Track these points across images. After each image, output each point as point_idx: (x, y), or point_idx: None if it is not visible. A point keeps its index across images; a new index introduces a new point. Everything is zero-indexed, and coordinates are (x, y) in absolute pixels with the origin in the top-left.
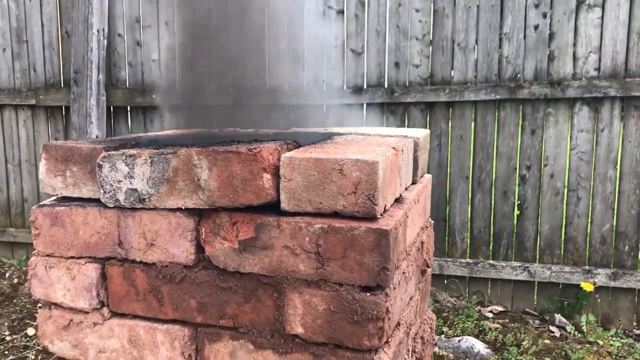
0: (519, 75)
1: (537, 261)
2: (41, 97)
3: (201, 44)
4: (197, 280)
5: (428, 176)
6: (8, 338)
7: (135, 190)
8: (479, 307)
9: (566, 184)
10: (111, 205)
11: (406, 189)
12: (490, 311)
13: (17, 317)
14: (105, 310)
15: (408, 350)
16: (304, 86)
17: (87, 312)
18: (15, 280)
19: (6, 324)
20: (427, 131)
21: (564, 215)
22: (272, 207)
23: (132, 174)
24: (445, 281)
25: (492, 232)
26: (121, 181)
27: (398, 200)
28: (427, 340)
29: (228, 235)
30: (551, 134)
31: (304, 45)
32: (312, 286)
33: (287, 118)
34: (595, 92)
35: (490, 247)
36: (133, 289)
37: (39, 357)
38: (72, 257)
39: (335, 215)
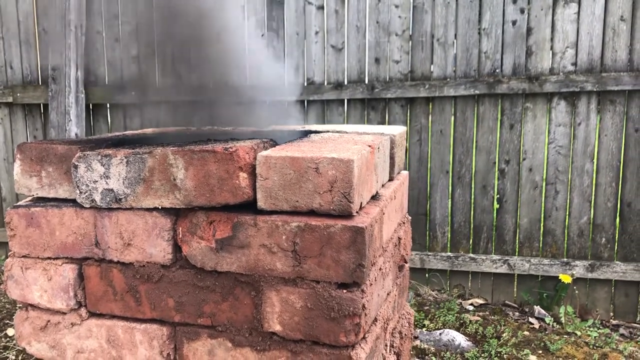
0: (497, 71)
1: (516, 254)
2: (18, 94)
3: (179, 42)
4: (174, 280)
5: (405, 173)
6: None
7: (112, 190)
8: (460, 300)
9: (544, 177)
10: (87, 206)
11: (383, 185)
12: (471, 304)
13: None
14: (83, 310)
15: (386, 346)
16: (284, 82)
17: (64, 313)
18: None
19: None
20: (403, 128)
21: (543, 209)
22: (249, 206)
23: (108, 174)
24: (427, 275)
25: (472, 226)
26: (97, 181)
27: (375, 198)
28: (406, 334)
29: (205, 234)
30: (529, 128)
31: (284, 41)
32: (289, 284)
33: (266, 115)
34: (572, 86)
35: (471, 241)
36: (111, 289)
37: (19, 358)
38: (49, 258)
39: (312, 213)
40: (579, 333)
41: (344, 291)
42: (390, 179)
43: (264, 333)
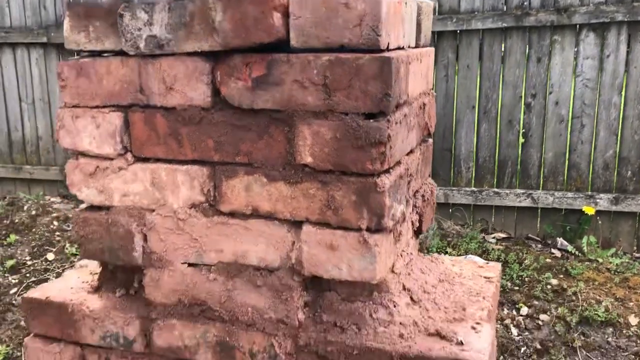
0: (525, 3)
1: (540, 188)
2: (52, 34)
3: None
4: (214, 121)
5: (431, 49)
6: (29, 262)
7: (155, 36)
8: (483, 235)
9: (570, 111)
10: (132, 53)
11: (409, 47)
12: (494, 237)
13: (36, 244)
14: (128, 155)
15: (408, 202)
16: None
17: (112, 159)
18: (34, 212)
19: (27, 250)
20: (430, 2)
21: (568, 143)
22: (282, 47)
23: (152, 21)
24: (450, 210)
25: (497, 161)
26: (141, 29)
27: (400, 49)
28: (428, 199)
29: (241, 75)
30: (557, 62)
31: None
32: (320, 117)
33: None
34: (602, 17)
35: (495, 176)
36: (154, 133)
37: None
38: (97, 107)
39: (342, 49)
40: (601, 260)
41: (371, 121)
42: (417, 46)
43: (296, 166)
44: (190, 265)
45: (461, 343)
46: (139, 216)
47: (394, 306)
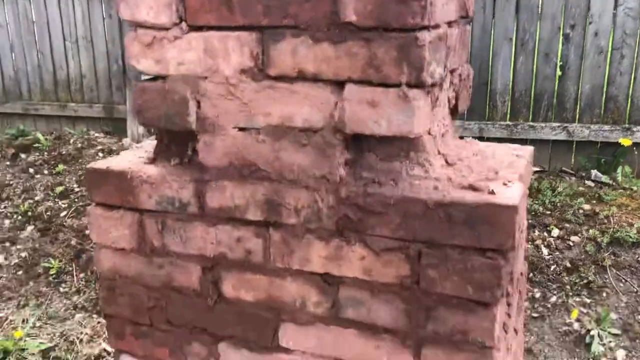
0: None
1: (576, 121)
2: None
3: None
4: None
5: None
6: (77, 189)
7: None
8: None
9: (610, 42)
10: None
11: None
12: None
13: (82, 173)
14: (183, 24)
15: (445, 68)
16: None
17: (167, 29)
18: (79, 145)
19: (74, 178)
20: None
21: (607, 75)
22: None
23: None
24: None
25: (532, 95)
26: None
27: None
28: (465, 79)
29: None
30: None
31: None
32: None
33: None
34: None
35: (531, 109)
36: (207, 0)
37: None
38: None
39: None
40: (635, 188)
41: None
42: None
43: (341, 25)
44: (240, 129)
45: (493, 192)
46: (193, 83)
47: (430, 165)
